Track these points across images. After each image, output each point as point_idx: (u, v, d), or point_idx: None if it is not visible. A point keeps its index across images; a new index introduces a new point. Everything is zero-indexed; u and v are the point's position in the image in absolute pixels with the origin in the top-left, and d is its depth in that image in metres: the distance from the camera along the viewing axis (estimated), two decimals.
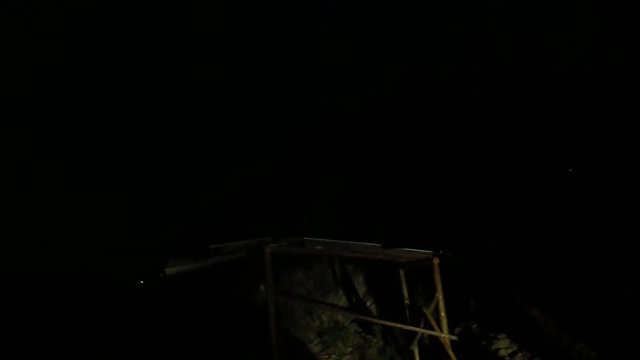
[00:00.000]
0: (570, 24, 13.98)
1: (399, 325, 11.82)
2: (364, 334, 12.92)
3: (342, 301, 13.46)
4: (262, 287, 10.48)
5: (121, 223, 18.07)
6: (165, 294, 13.71)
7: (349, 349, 12.75)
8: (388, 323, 11.90)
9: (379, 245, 10.76)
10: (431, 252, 11.51)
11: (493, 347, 11.06)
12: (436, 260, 11.51)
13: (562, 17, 14.21)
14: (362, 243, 10.71)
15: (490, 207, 13.44)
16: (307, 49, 21.32)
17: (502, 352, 10.86)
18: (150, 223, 17.77)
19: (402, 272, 12.48)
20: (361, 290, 13.61)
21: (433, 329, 11.60)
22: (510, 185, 13.43)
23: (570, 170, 12.94)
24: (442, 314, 11.60)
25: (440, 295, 11.58)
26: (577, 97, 13.15)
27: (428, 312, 11.66)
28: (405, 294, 12.51)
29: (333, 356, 12.75)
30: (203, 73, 21.71)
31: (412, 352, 11.94)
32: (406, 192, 14.99)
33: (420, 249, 11.46)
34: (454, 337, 11.62)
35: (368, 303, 13.45)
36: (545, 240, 11.69)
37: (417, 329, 11.74)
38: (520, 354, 10.61)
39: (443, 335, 11.48)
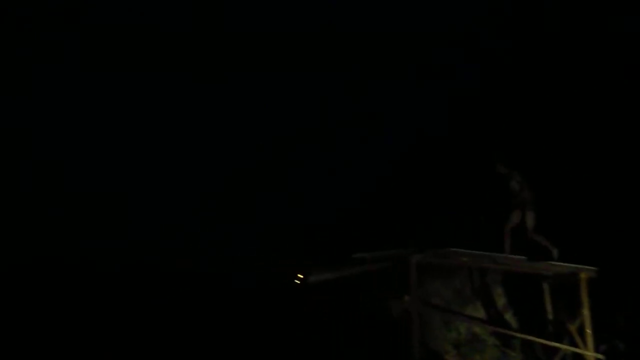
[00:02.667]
0: None
1: (541, 340, 11.52)
2: (502, 348, 12.70)
3: (480, 313, 13.31)
4: (405, 298, 10.66)
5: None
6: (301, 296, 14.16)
7: None
8: (529, 337, 11.64)
9: (525, 257, 10.61)
10: (578, 266, 11.13)
11: None
12: (584, 275, 11.13)
13: None
14: (508, 255, 10.63)
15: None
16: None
17: None
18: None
19: (546, 286, 12.19)
20: (500, 302, 13.41)
21: (577, 346, 11.22)
22: None
23: None
24: (588, 330, 11.19)
25: (587, 312, 11.18)
26: None
27: (573, 328, 11.29)
28: (549, 308, 12.19)
29: None
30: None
31: None
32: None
33: (565, 262, 11.13)
34: (600, 356, 11.16)
35: (507, 316, 13.24)
36: None
37: (560, 345, 11.39)
38: None
39: (588, 354, 11.07)
